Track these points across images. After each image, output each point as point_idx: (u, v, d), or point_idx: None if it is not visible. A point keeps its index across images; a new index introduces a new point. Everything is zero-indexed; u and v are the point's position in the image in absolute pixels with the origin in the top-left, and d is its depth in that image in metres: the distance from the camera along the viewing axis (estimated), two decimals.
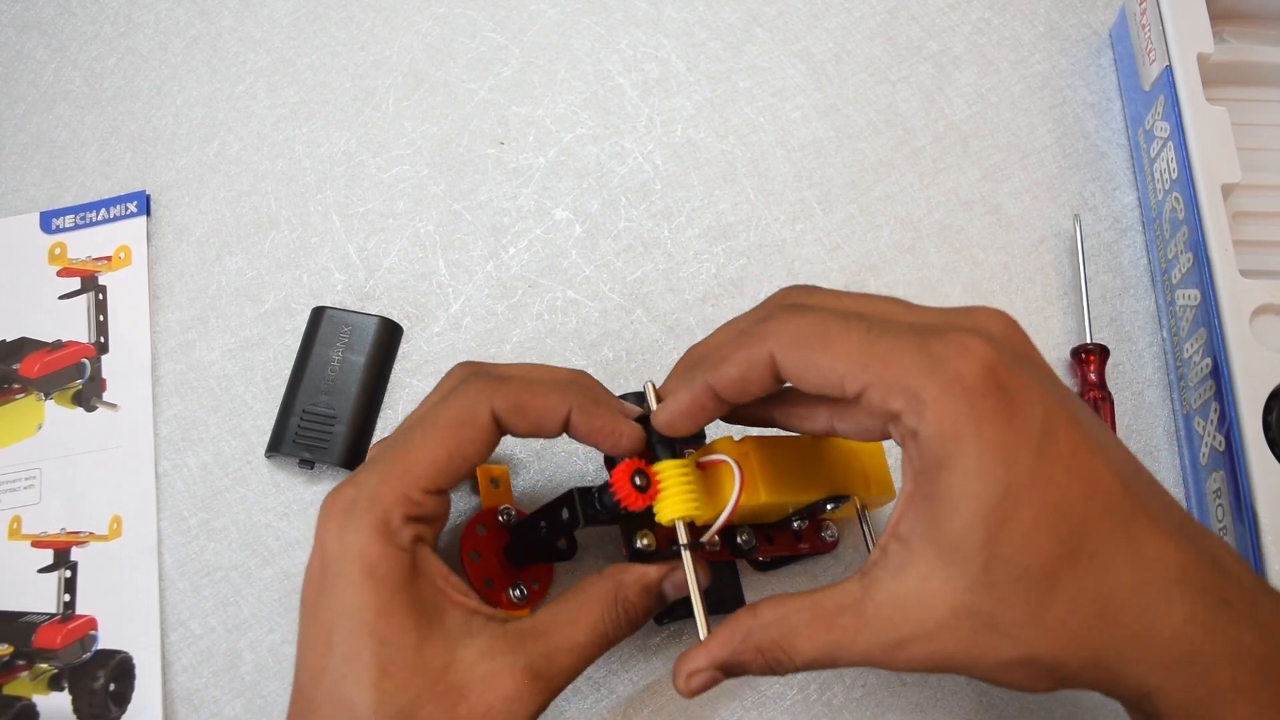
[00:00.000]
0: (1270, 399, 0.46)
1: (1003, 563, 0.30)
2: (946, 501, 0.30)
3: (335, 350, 0.49)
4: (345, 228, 0.53)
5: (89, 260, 0.52)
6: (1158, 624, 0.30)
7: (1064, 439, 0.31)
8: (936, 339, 0.31)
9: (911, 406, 0.31)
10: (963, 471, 0.30)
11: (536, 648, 0.36)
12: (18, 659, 0.45)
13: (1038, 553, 0.30)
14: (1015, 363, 0.31)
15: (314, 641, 0.35)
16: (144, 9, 0.57)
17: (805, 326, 0.33)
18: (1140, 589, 0.31)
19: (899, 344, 0.31)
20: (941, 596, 0.31)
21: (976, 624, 0.30)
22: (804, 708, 0.46)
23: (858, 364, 0.32)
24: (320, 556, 0.35)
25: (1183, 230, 0.50)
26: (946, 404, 0.30)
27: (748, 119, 0.56)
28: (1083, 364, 0.51)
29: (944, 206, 0.54)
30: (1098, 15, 0.59)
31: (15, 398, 0.50)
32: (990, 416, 0.30)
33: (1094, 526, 0.31)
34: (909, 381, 0.31)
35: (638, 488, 0.37)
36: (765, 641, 0.34)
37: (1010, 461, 0.30)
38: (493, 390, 0.37)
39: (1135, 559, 0.31)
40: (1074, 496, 0.30)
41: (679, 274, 0.53)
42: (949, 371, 0.30)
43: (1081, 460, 0.31)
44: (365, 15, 0.57)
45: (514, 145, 0.55)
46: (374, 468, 0.36)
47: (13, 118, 0.55)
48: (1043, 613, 0.30)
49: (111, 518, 0.47)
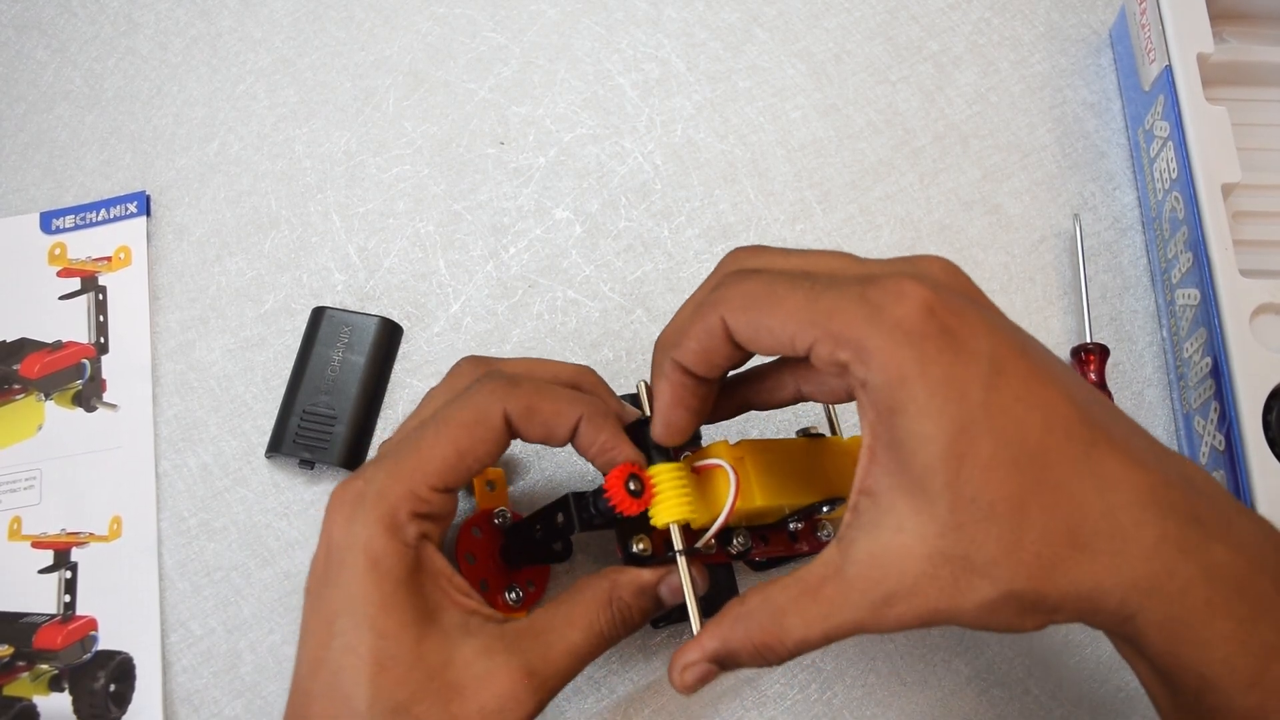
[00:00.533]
0: (1270, 398, 0.46)
1: (968, 501, 0.30)
2: (904, 447, 0.30)
3: (335, 350, 0.49)
4: (345, 228, 0.53)
5: (89, 260, 0.52)
6: (1130, 546, 0.30)
7: (1014, 371, 0.31)
8: (876, 287, 0.31)
9: (857, 356, 0.31)
10: (915, 414, 0.30)
11: (533, 648, 0.36)
12: (18, 660, 0.45)
13: (1001, 486, 0.30)
14: (957, 301, 0.31)
15: (315, 632, 0.35)
16: (144, 9, 0.57)
17: (753, 289, 0.34)
18: (1109, 513, 0.30)
19: (842, 296, 0.32)
20: (917, 546, 0.31)
21: (954, 568, 0.30)
22: (804, 707, 0.46)
23: (805, 320, 0.32)
24: (326, 547, 0.36)
25: (1182, 230, 0.50)
26: (890, 349, 0.30)
27: (748, 119, 0.56)
28: (1083, 364, 0.51)
29: (944, 206, 0.54)
30: (1098, 15, 0.59)
31: (15, 398, 0.50)
32: (935, 356, 0.30)
33: (1055, 455, 0.30)
34: (853, 332, 0.31)
35: (631, 492, 0.37)
36: (755, 629, 0.34)
37: (961, 398, 0.30)
38: (506, 392, 0.37)
39: (1100, 484, 0.31)
40: (1030, 427, 0.30)
41: (679, 274, 0.53)
42: (890, 317, 0.31)
43: (1034, 390, 0.31)
44: (365, 15, 0.57)
45: (514, 145, 0.55)
46: (384, 463, 0.36)
47: (13, 118, 0.55)
48: (1016, 547, 0.30)
49: (111, 518, 0.47)
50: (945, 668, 0.46)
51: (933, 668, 0.46)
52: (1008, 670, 0.47)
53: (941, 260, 0.34)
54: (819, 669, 0.46)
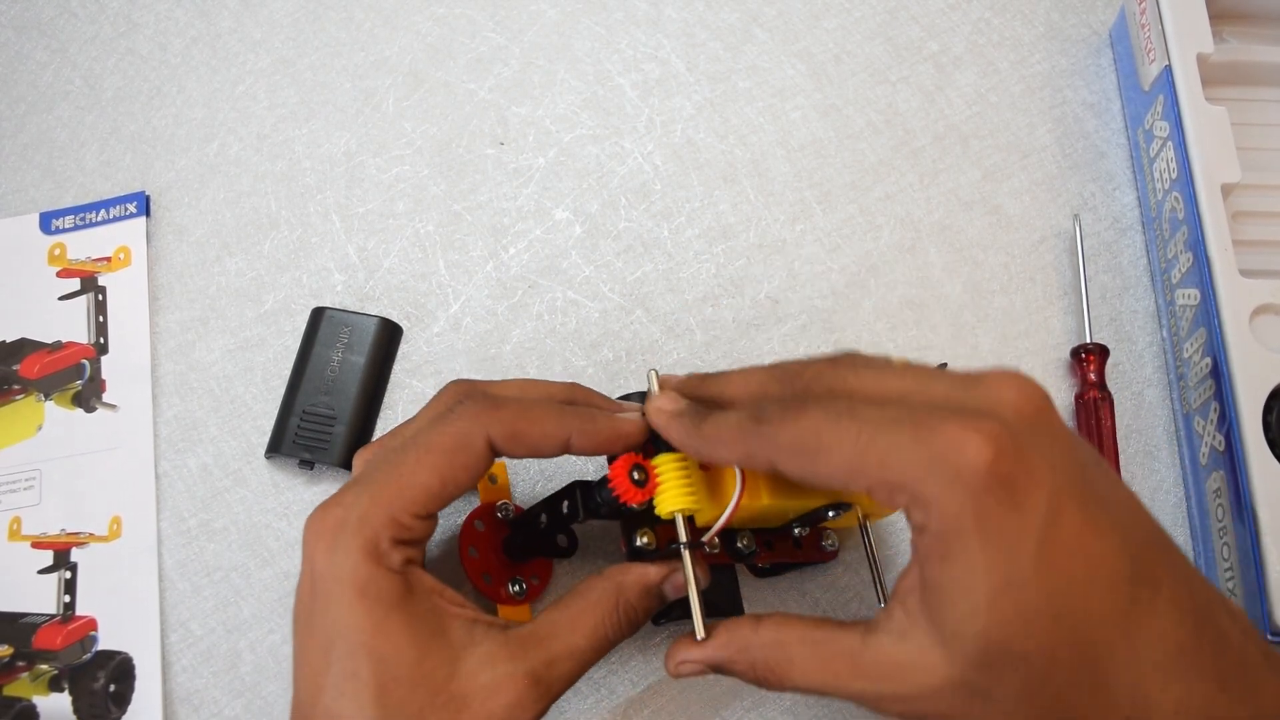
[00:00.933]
0: (1270, 399, 0.46)
1: (1001, 650, 0.30)
2: (949, 593, 0.31)
3: (335, 351, 0.49)
4: (345, 228, 0.53)
5: (89, 261, 0.52)
6: (1152, 705, 0.31)
7: (1068, 522, 0.30)
8: (935, 433, 0.30)
9: (914, 504, 0.31)
10: (964, 566, 0.30)
11: (538, 654, 0.36)
12: (18, 660, 0.45)
13: (1036, 641, 0.30)
14: (1023, 445, 0.30)
15: (310, 659, 0.35)
16: (143, 10, 0.57)
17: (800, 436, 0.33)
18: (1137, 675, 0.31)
19: (894, 445, 0.31)
20: (939, 669, 0.31)
21: (971, 694, 0.31)
22: (804, 708, 0.46)
23: (857, 471, 0.32)
24: (310, 577, 0.35)
25: (1182, 230, 0.50)
26: (948, 502, 0.30)
27: (748, 119, 0.56)
28: (1082, 364, 0.51)
29: (944, 206, 0.54)
30: (1097, 15, 0.59)
31: (15, 398, 0.50)
32: (992, 510, 0.30)
33: (1095, 612, 0.31)
34: (908, 483, 0.31)
35: (635, 482, 0.37)
36: (759, 660, 0.34)
37: (1012, 553, 0.30)
38: (489, 417, 0.36)
39: (1133, 641, 0.31)
40: (1076, 582, 0.30)
41: (679, 274, 0.53)
42: (949, 468, 0.30)
43: (1087, 543, 0.30)
44: (365, 16, 0.57)
45: (514, 145, 0.55)
46: (364, 488, 0.36)
47: (12, 118, 0.55)
48: (1038, 690, 0.31)
49: (111, 518, 0.47)
50: None
51: None
52: None
53: (1016, 379, 0.32)
54: None
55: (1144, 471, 0.50)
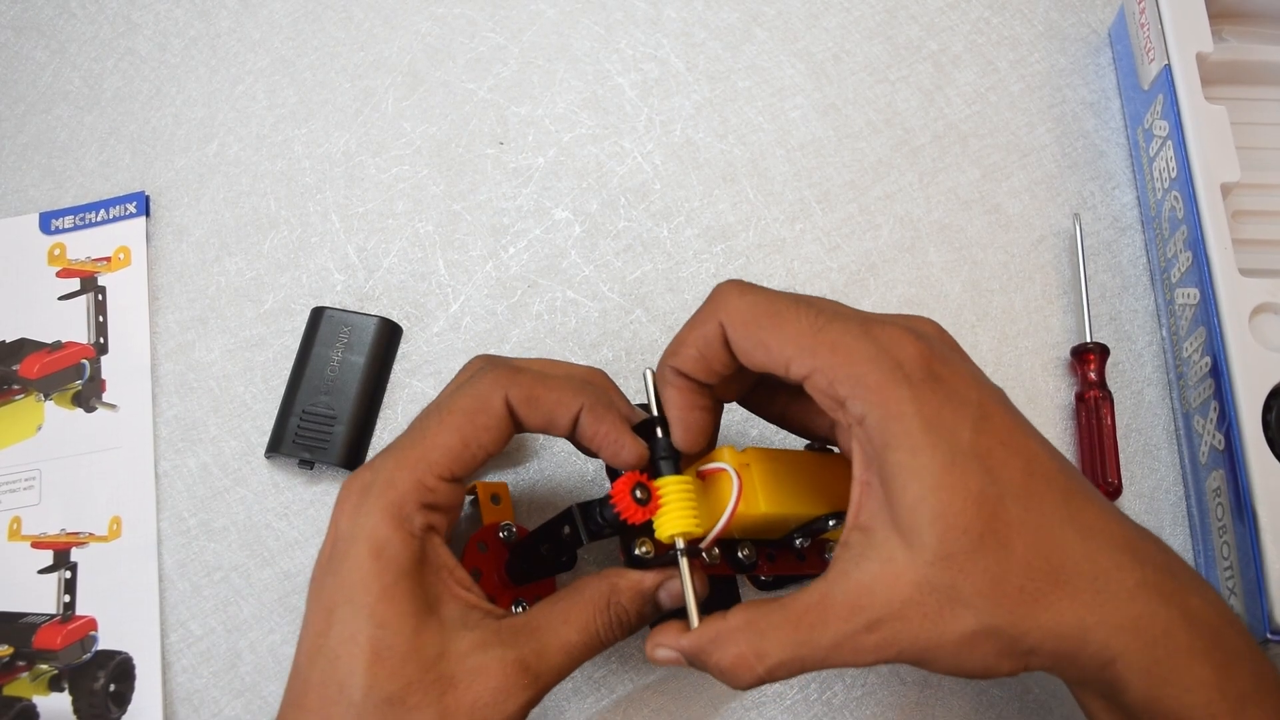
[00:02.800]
0: (1269, 398, 0.46)
1: (957, 531, 0.31)
2: (897, 480, 0.32)
3: (335, 350, 0.49)
4: (345, 228, 0.53)
5: (88, 261, 0.52)
6: (1112, 587, 0.31)
7: (999, 419, 0.33)
8: (879, 329, 0.33)
9: (857, 392, 0.32)
10: (908, 448, 0.31)
11: (528, 643, 0.36)
12: (18, 660, 0.45)
13: (990, 519, 0.31)
14: (948, 356, 0.34)
15: (315, 620, 0.35)
16: (143, 10, 0.57)
17: (756, 302, 0.35)
18: (1091, 556, 0.32)
19: (846, 331, 0.33)
20: (905, 574, 0.31)
21: (940, 597, 0.31)
22: (804, 707, 0.46)
23: (806, 348, 0.33)
24: (333, 536, 0.36)
25: (1182, 229, 0.50)
26: (890, 388, 0.32)
27: (747, 119, 0.56)
28: (1083, 363, 0.51)
29: (943, 206, 0.54)
30: (1097, 14, 0.59)
31: (15, 398, 0.50)
32: (929, 397, 0.32)
33: (1037, 497, 0.32)
34: (855, 369, 0.32)
35: (638, 500, 0.37)
36: (738, 647, 0.34)
37: (951, 435, 0.32)
38: (508, 380, 0.37)
39: (1082, 529, 0.32)
40: (1014, 469, 0.32)
41: (678, 274, 0.53)
42: (891, 359, 0.32)
43: (1017, 439, 0.33)
44: (364, 15, 0.57)
45: (513, 145, 0.55)
46: (391, 454, 0.37)
47: (12, 118, 0.55)
48: (1001, 579, 0.31)
49: (111, 518, 0.47)
50: None
51: None
52: None
53: (932, 321, 0.36)
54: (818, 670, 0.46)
55: (1144, 471, 0.50)
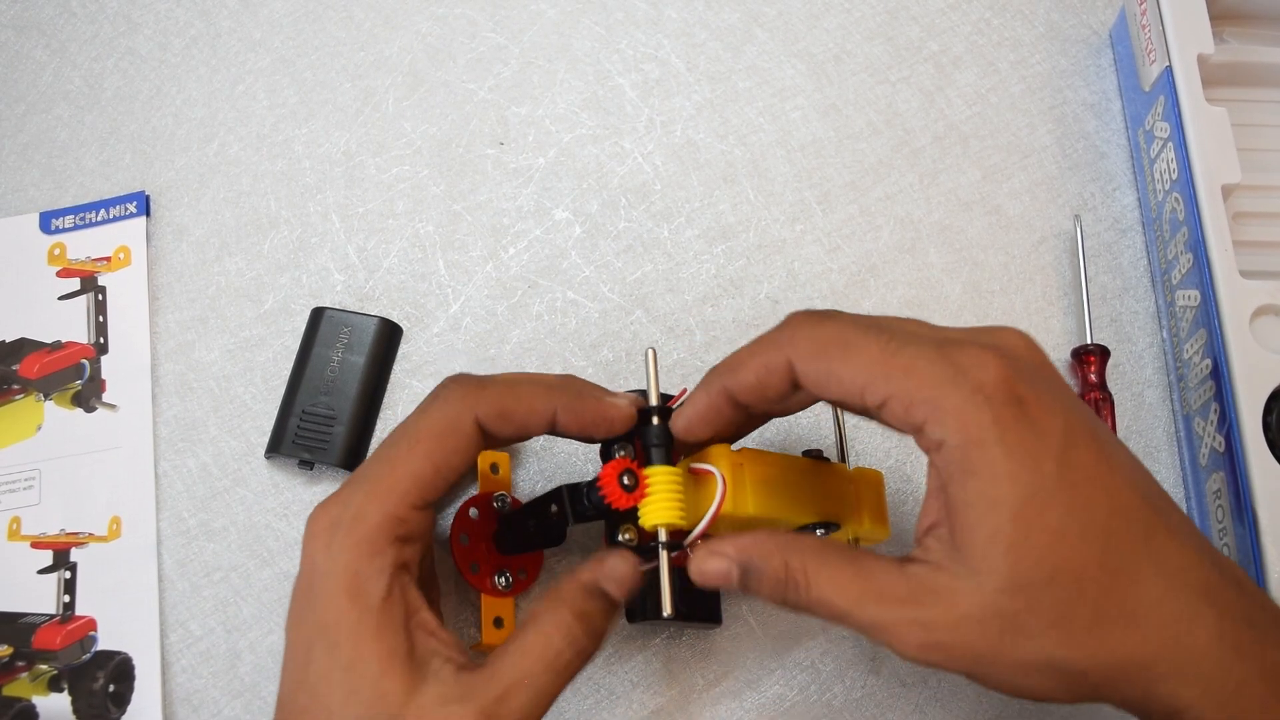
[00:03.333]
0: (1270, 400, 0.46)
1: (1032, 564, 0.30)
2: (975, 509, 0.31)
3: (335, 351, 0.49)
4: (345, 228, 0.53)
5: (88, 261, 0.52)
6: (1187, 637, 0.30)
7: (1084, 450, 0.31)
8: (957, 350, 0.32)
9: (935, 417, 0.31)
10: (989, 477, 0.30)
11: (490, 692, 0.34)
12: (17, 660, 0.45)
13: (1066, 555, 0.30)
14: (1033, 377, 0.32)
15: (296, 653, 0.35)
16: (143, 9, 0.57)
17: (826, 334, 0.34)
18: (1168, 600, 0.31)
19: (920, 354, 0.32)
20: (974, 595, 0.31)
21: (1004, 623, 0.30)
22: (804, 708, 0.46)
23: (879, 375, 0.32)
24: (308, 572, 0.35)
25: (1183, 231, 0.50)
26: (970, 413, 0.31)
27: (747, 119, 0.56)
28: (1083, 364, 0.51)
29: (944, 207, 0.54)
30: (1098, 15, 0.58)
31: (15, 398, 0.50)
32: (1012, 425, 0.31)
33: (1119, 536, 0.31)
34: (932, 393, 0.31)
35: (625, 487, 0.37)
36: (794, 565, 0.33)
37: (1035, 466, 0.30)
38: (475, 396, 0.36)
39: (1160, 570, 0.31)
40: (1097, 505, 0.31)
41: (679, 274, 0.53)
42: (971, 381, 0.31)
43: (1102, 473, 0.31)
44: (365, 15, 0.57)
45: (513, 146, 0.55)
46: (358, 485, 0.36)
47: (12, 118, 0.55)
48: (1070, 616, 0.30)
49: (111, 519, 0.47)
50: None
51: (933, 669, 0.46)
52: None
53: (1019, 333, 0.34)
54: (818, 670, 0.46)
55: None
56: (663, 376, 0.50)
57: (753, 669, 0.46)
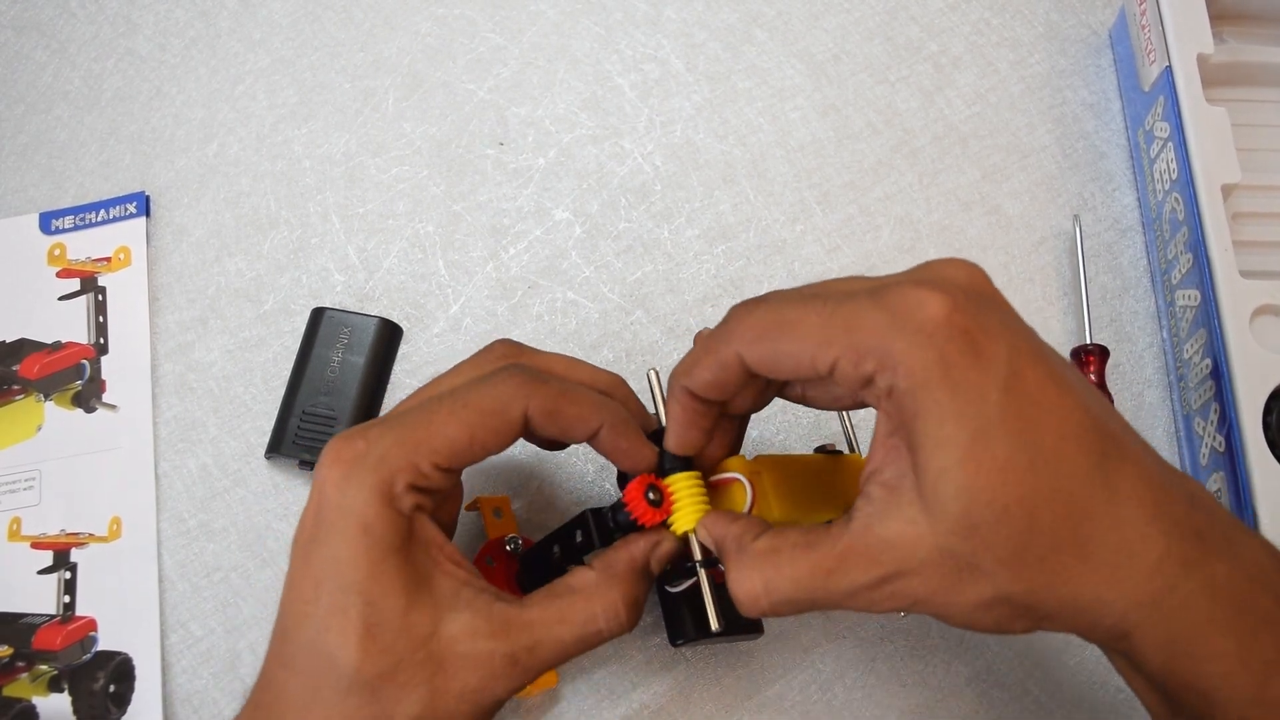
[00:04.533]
0: (1270, 400, 0.46)
1: (981, 504, 0.30)
2: (924, 450, 0.31)
3: (335, 351, 0.49)
4: (345, 228, 0.53)
5: (88, 261, 0.52)
6: (1134, 561, 0.30)
7: (1031, 377, 0.31)
8: (894, 294, 0.31)
9: (883, 364, 0.31)
10: (936, 418, 0.30)
11: (522, 639, 0.35)
12: (18, 660, 0.45)
13: (1015, 489, 0.30)
14: (976, 305, 0.31)
15: (300, 587, 0.35)
16: (143, 10, 0.57)
17: (763, 317, 0.34)
18: (1116, 526, 0.31)
19: (858, 308, 0.32)
20: (925, 539, 0.31)
21: (959, 564, 0.31)
22: (804, 709, 0.46)
23: (822, 340, 0.32)
24: (317, 504, 0.35)
25: (1183, 231, 0.50)
26: (915, 354, 0.31)
27: (747, 119, 0.56)
28: (1083, 365, 0.51)
29: (943, 207, 0.54)
30: (1097, 16, 0.59)
31: (15, 399, 0.50)
32: (956, 359, 0.30)
33: (1068, 463, 0.31)
34: (876, 342, 0.31)
35: (651, 502, 0.37)
36: (746, 577, 0.34)
37: (980, 401, 0.30)
38: (532, 389, 0.36)
39: (1111, 496, 0.31)
40: (1045, 433, 0.31)
41: (679, 275, 0.53)
42: (912, 323, 0.31)
43: (1050, 397, 0.31)
44: (364, 16, 0.57)
45: (513, 146, 0.55)
46: (390, 427, 0.35)
47: (12, 119, 0.55)
48: (1023, 551, 0.30)
49: (111, 519, 0.47)
50: (945, 669, 0.46)
51: (932, 669, 0.46)
52: (1007, 671, 0.47)
53: (961, 262, 0.34)
54: (818, 670, 0.46)
55: None
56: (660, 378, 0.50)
57: (753, 669, 0.46)
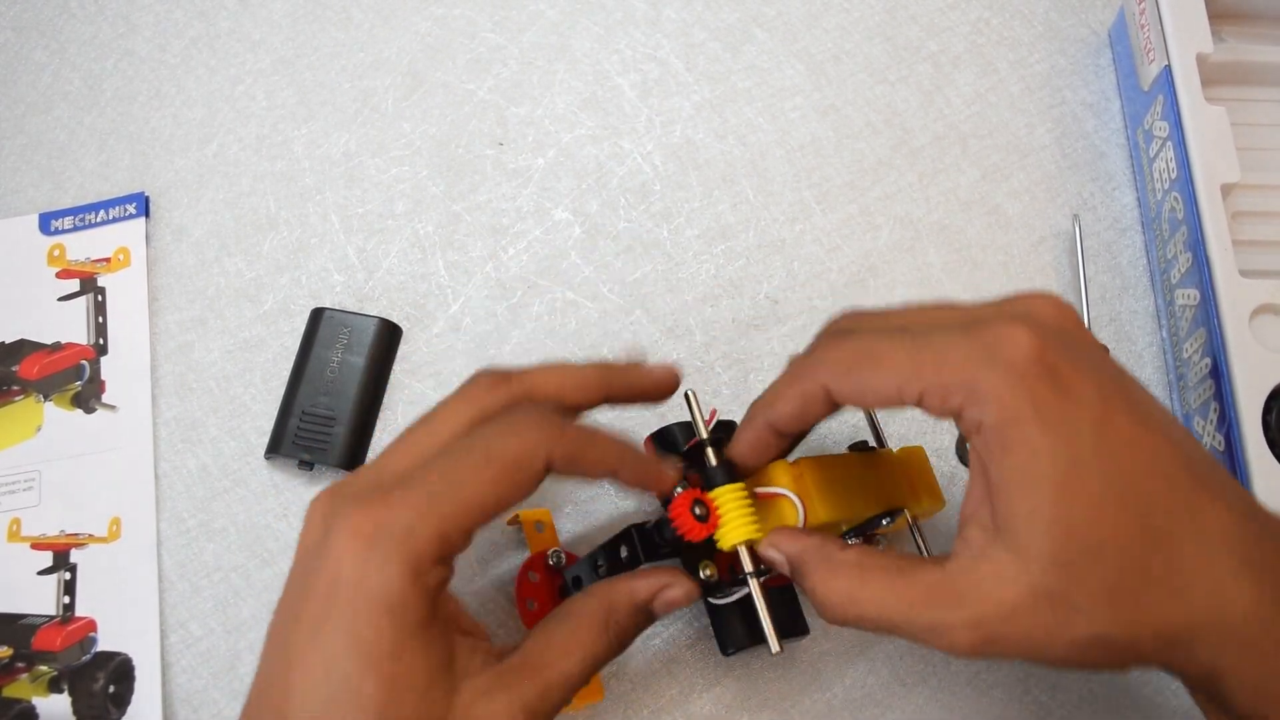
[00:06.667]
0: (1270, 399, 0.46)
1: (1075, 540, 0.30)
2: (1014, 488, 0.31)
3: (334, 351, 0.49)
4: (344, 229, 0.53)
5: (88, 262, 0.52)
6: (1229, 603, 0.30)
7: (1122, 415, 0.31)
8: (984, 329, 0.32)
9: (970, 399, 0.31)
10: (1027, 454, 0.30)
11: (532, 685, 0.34)
12: (17, 661, 0.45)
13: (1107, 526, 0.30)
14: (1065, 343, 0.32)
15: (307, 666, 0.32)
16: (142, 10, 0.57)
17: (852, 351, 0.34)
18: (1210, 567, 0.30)
19: (947, 343, 0.32)
20: (1019, 579, 0.31)
21: (1054, 603, 0.30)
22: (804, 708, 0.46)
23: (910, 374, 0.32)
24: (333, 577, 0.32)
25: (1182, 230, 0.50)
26: (1004, 391, 0.31)
27: (747, 119, 0.56)
28: None
29: (943, 206, 0.54)
30: (1096, 15, 0.59)
31: (14, 399, 0.50)
32: (1047, 397, 0.31)
33: (1159, 501, 0.31)
34: (965, 377, 0.31)
35: (698, 518, 0.37)
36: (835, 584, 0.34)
37: (1072, 438, 0.30)
38: (555, 437, 0.35)
39: (1202, 536, 0.31)
40: (1137, 471, 0.31)
41: (678, 275, 0.53)
42: (1001, 359, 0.31)
43: (1140, 436, 0.31)
44: (364, 16, 0.57)
45: (513, 146, 0.55)
46: (413, 493, 0.33)
47: (11, 119, 0.55)
48: (1117, 588, 0.30)
49: (111, 519, 0.47)
50: (945, 669, 0.46)
51: (932, 668, 0.46)
52: (1007, 671, 0.47)
53: (1049, 298, 0.34)
54: (818, 670, 0.46)
55: None
56: None
57: (752, 670, 0.46)
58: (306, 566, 0.33)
